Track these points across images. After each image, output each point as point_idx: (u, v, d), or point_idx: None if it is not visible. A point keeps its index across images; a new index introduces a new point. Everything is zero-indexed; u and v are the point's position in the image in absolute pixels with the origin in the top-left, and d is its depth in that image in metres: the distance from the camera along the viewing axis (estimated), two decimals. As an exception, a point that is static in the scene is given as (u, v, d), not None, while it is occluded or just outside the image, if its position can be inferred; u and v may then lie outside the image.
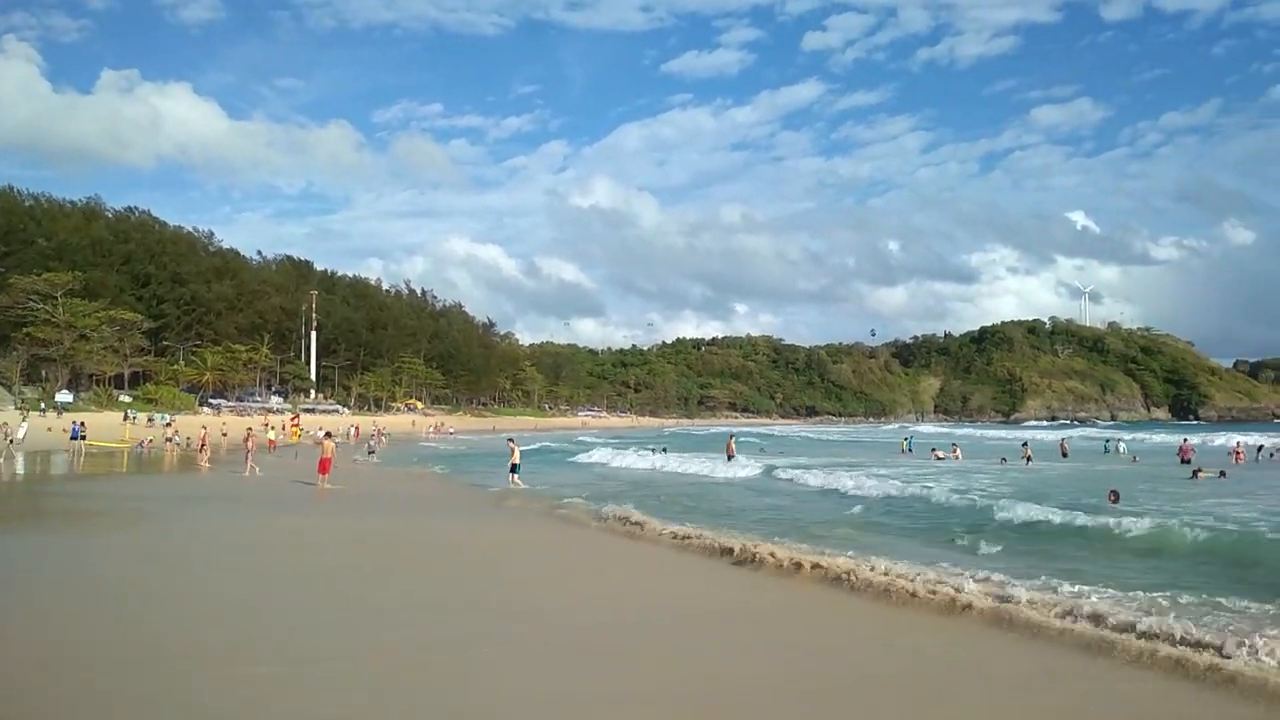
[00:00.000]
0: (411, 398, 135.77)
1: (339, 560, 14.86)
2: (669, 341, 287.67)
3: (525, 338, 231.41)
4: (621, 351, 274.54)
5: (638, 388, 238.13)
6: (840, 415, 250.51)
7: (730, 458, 42.75)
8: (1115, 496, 22.86)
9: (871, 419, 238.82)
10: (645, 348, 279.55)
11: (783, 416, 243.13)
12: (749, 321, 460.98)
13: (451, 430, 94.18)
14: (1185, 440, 47.98)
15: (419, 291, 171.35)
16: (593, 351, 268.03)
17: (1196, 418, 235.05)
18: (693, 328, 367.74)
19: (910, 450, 55.24)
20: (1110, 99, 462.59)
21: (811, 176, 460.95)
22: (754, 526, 19.16)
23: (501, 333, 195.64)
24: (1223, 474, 33.73)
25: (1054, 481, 32.69)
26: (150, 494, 25.84)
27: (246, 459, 33.73)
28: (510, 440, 31.28)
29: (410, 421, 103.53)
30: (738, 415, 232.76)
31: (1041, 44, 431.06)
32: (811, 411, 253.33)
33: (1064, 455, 49.93)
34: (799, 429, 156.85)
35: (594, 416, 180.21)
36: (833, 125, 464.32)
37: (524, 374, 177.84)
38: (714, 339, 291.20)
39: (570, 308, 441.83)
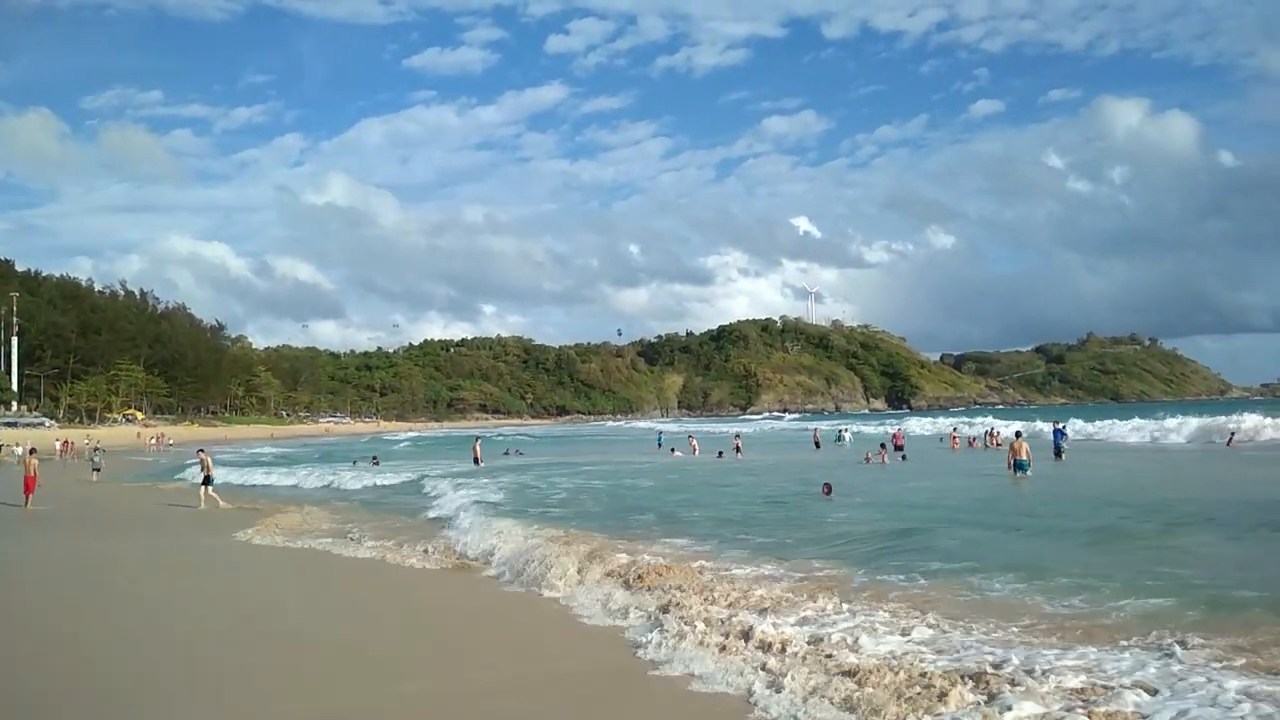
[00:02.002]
0: (131, 407, 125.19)
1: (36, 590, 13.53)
2: (416, 343, 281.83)
3: (259, 341, 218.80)
4: (366, 354, 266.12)
5: (384, 391, 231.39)
6: (590, 414, 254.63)
7: (477, 462, 42.33)
8: (828, 489, 22.95)
9: (620, 416, 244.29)
10: (391, 350, 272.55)
11: (534, 416, 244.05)
12: (497, 322, 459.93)
13: (171, 442, 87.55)
14: (898, 428, 52.38)
15: (138, 293, 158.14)
16: (334, 355, 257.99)
17: (909, 407, 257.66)
18: (440, 329, 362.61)
19: (660, 445, 57.70)
20: (832, 112, 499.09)
21: (557, 178, 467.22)
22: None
23: (232, 336, 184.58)
24: (904, 457, 37.89)
25: (763, 470, 34.81)
26: None
27: None
28: (201, 451, 29.50)
29: (135, 434, 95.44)
30: (488, 417, 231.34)
31: (770, 58, 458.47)
32: (562, 411, 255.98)
33: (817, 446, 52.88)
34: (551, 428, 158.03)
35: (336, 422, 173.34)
36: (577, 128, 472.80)
37: (258, 380, 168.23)
38: (463, 340, 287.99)
39: (308, 309, 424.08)
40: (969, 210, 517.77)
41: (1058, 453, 35.27)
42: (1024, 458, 27.95)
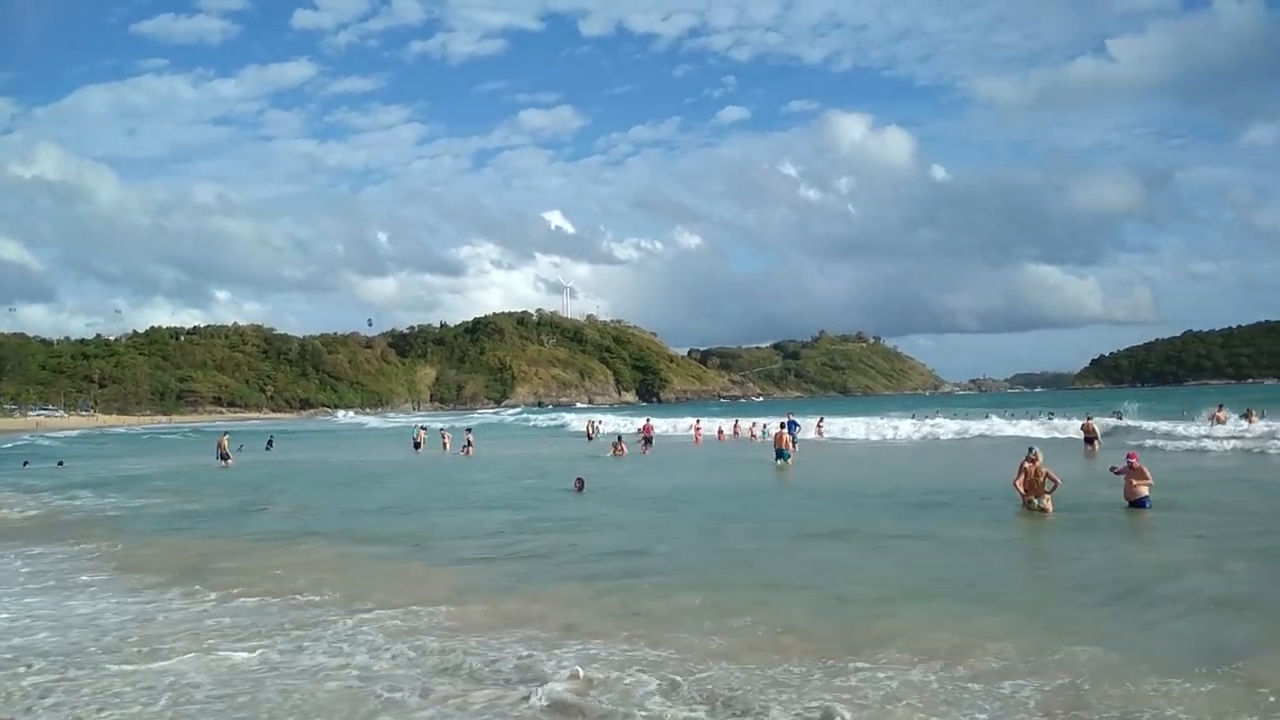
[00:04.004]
0: None
1: None
2: (141, 331, 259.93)
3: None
4: (82, 342, 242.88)
5: (104, 382, 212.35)
6: (337, 407, 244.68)
7: (224, 459, 39.70)
8: (580, 484, 23.29)
9: (369, 409, 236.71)
10: (112, 338, 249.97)
11: (275, 410, 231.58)
12: (233, 310, 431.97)
13: None
14: (647, 420, 53.58)
15: None
16: (46, 342, 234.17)
17: (659, 400, 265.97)
18: (168, 316, 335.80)
19: (416, 442, 55.94)
20: (588, 109, 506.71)
21: (302, 160, 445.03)
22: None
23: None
24: (645, 450, 39.56)
25: (513, 465, 34.80)
26: None
27: None
28: None
29: None
30: (223, 410, 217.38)
31: (528, 50, 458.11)
32: (306, 404, 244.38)
33: (590, 438, 52.96)
34: (302, 423, 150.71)
35: (49, 416, 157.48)
36: (326, 108, 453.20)
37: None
38: (195, 328, 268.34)
39: (13, 291, 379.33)
40: (712, 212, 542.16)
41: (792, 442, 37.51)
42: (785, 447, 30.80)
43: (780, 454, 30.66)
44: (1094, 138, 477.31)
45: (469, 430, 48.67)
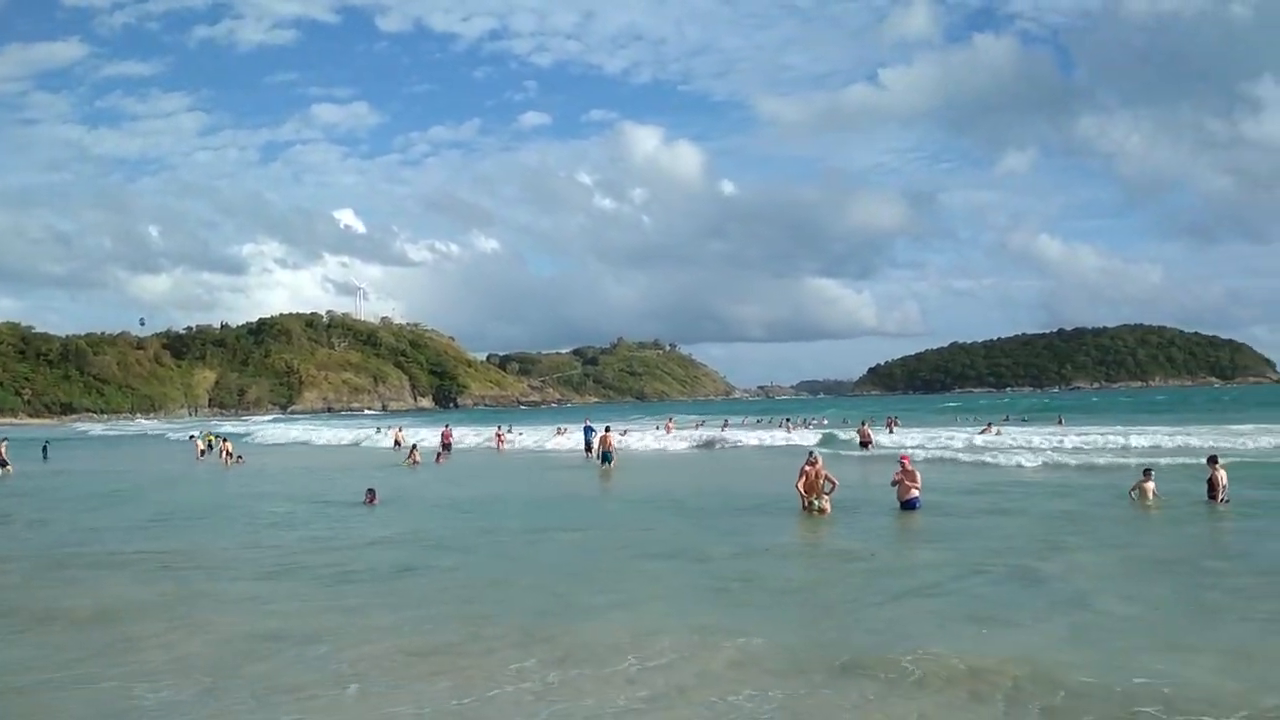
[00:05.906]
0: None
1: None
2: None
3: None
4: None
5: None
6: (104, 412, 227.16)
7: (4, 465, 36.58)
8: (372, 496, 22.35)
9: (140, 415, 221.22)
10: None
11: (32, 415, 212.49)
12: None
13: None
14: (446, 426, 52.58)
15: None
16: None
17: (456, 406, 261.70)
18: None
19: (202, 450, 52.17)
20: (386, 106, 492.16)
21: (69, 147, 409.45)
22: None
23: None
24: (439, 458, 39.05)
25: (280, 478, 33.40)
26: None
27: None
28: None
29: None
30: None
31: (321, 43, 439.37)
32: (68, 409, 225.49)
33: (397, 445, 50.74)
34: (58, 429, 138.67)
35: None
36: (98, 92, 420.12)
37: None
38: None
39: None
40: (510, 216, 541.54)
41: (588, 448, 37.94)
42: (610, 449, 32.03)
43: (605, 457, 31.54)
44: (870, 159, 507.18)
45: (225, 440, 45.75)
